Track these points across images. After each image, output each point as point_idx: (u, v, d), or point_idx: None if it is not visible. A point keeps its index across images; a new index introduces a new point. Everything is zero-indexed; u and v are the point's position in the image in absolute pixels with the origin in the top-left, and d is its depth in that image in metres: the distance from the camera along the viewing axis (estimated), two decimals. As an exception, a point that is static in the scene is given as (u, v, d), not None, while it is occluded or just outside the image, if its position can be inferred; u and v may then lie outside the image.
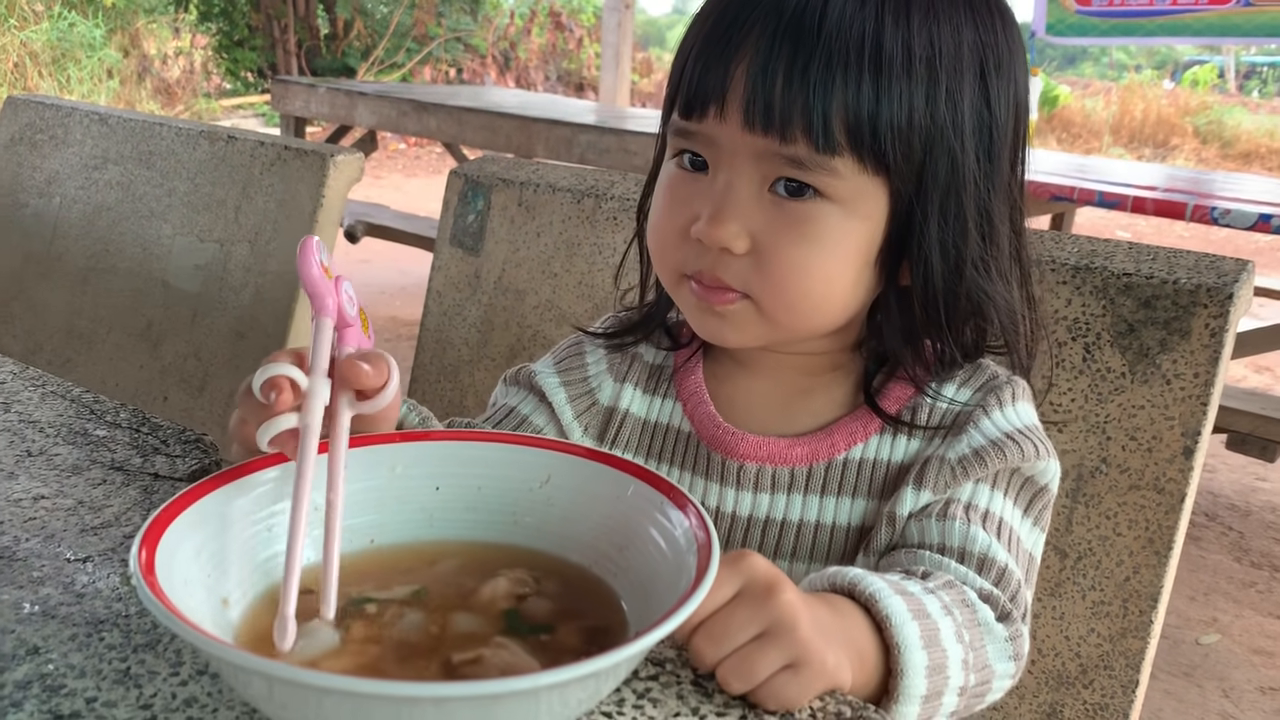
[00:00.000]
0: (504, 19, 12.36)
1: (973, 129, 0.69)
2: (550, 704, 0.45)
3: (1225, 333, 0.92)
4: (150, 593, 0.45)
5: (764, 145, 0.67)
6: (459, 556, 0.60)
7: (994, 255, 0.73)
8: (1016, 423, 0.77)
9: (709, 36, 0.70)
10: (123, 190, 1.81)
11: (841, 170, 0.67)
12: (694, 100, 0.70)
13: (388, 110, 3.73)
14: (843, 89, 0.65)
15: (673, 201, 0.74)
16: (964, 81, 0.68)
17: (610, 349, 0.86)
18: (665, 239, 0.75)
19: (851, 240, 0.70)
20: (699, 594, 0.47)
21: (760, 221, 0.69)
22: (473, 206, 1.46)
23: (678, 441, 0.81)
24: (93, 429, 0.86)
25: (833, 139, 0.66)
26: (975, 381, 0.78)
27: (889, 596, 0.61)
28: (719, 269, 0.71)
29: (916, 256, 0.70)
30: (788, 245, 0.69)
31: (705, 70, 0.69)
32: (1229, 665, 2.28)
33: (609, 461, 0.61)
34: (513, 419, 0.85)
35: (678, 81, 0.73)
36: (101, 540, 0.68)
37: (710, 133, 0.70)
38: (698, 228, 0.70)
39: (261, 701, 0.46)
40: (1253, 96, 16.08)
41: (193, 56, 10.54)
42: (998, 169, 0.72)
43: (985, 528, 0.73)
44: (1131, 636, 0.96)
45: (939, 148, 0.68)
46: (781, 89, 0.65)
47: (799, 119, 0.65)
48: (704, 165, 0.72)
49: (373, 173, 8.53)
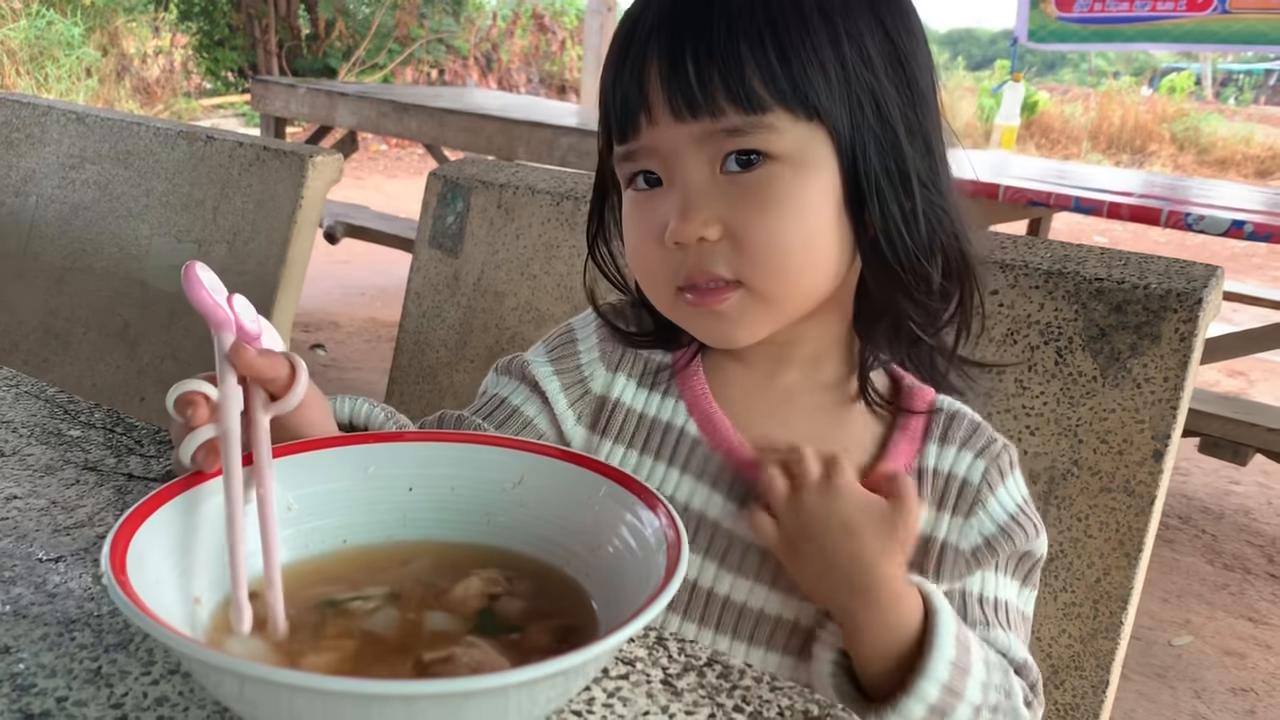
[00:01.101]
0: (486, 21, 12.35)
1: (883, 61, 0.72)
2: (519, 702, 0.45)
3: (1195, 337, 0.93)
4: (121, 591, 0.45)
5: (699, 129, 0.70)
6: (431, 556, 0.61)
7: (939, 171, 0.75)
8: (1017, 498, 0.79)
9: (617, 64, 0.74)
10: (100, 190, 1.80)
11: (777, 124, 0.69)
12: (624, 120, 0.73)
13: (368, 111, 3.72)
14: (750, 51, 0.68)
15: (641, 222, 0.76)
16: (859, 20, 0.71)
17: (604, 338, 0.85)
18: (646, 257, 0.76)
19: (812, 192, 0.71)
20: (668, 592, 0.47)
21: (724, 205, 0.71)
22: (452, 208, 1.46)
23: (679, 441, 0.81)
24: (66, 429, 0.85)
25: (757, 97, 0.69)
26: (975, 443, 0.80)
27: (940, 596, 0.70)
28: (704, 261, 0.72)
29: (869, 190, 0.72)
30: (756, 216, 0.71)
31: (624, 92, 0.73)
32: (1201, 666, 2.31)
33: (582, 463, 0.61)
34: (503, 410, 0.84)
35: (605, 111, 0.76)
36: (74, 540, 0.68)
37: (648, 142, 0.73)
38: (670, 231, 0.71)
39: (232, 700, 0.46)
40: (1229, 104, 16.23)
41: (173, 56, 10.48)
42: (920, 93, 0.74)
43: (999, 618, 0.78)
44: (1102, 637, 0.97)
45: (856, 83, 0.71)
46: (694, 71, 0.69)
47: (720, 91, 0.68)
48: (658, 182, 0.74)
49: (353, 174, 8.50)
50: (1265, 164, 11.62)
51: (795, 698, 0.56)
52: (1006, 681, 0.73)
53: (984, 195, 2.80)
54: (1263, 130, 12.86)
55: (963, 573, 0.77)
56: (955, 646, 0.69)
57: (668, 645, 0.60)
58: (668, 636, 0.60)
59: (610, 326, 0.85)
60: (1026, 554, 0.80)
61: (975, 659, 0.70)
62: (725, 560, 0.78)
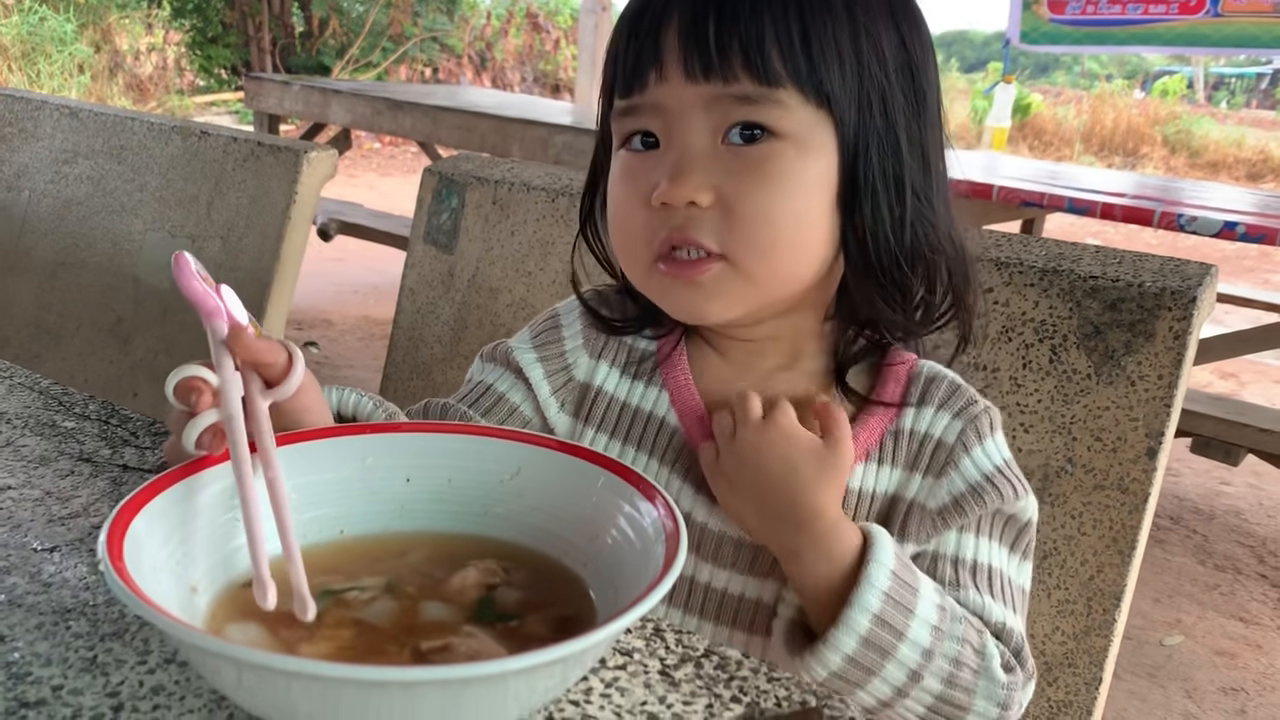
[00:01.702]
0: (480, 19, 12.34)
1: (895, 65, 0.73)
2: (518, 690, 0.45)
3: (1189, 335, 0.94)
4: (118, 578, 0.45)
5: (709, 92, 0.70)
6: (429, 547, 0.61)
7: (934, 186, 0.75)
8: (996, 460, 0.77)
9: (635, 17, 0.73)
10: (93, 185, 1.79)
11: (787, 102, 0.70)
12: (632, 74, 0.73)
13: (362, 109, 3.71)
14: (772, 24, 0.69)
15: (629, 183, 0.75)
16: (879, 22, 0.72)
17: (589, 325, 0.85)
18: (629, 217, 0.75)
19: (810, 175, 0.71)
20: (666, 582, 0.47)
21: (720, 173, 0.71)
22: (447, 205, 1.46)
23: (660, 432, 0.81)
24: (61, 420, 0.85)
25: (773, 70, 0.69)
26: (954, 404, 0.78)
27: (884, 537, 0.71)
28: (689, 227, 0.71)
29: (865, 188, 0.72)
30: (751, 190, 0.70)
31: (639, 45, 0.72)
32: (1192, 666, 2.31)
33: (579, 454, 0.61)
34: (489, 396, 0.85)
35: (613, 70, 0.75)
36: (69, 531, 0.67)
37: (654, 99, 0.72)
38: (660, 191, 0.71)
39: (230, 688, 0.46)
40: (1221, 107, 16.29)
41: (166, 52, 10.45)
42: (925, 105, 0.75)
43: (976, 582, 0.76)
44: (1095, 634, 0.97)
45: (868, 80, 0.71)
46: (715, 33, 0.69)
47: (738, 56, 0.68)
48: (655, 145, 0.74)
49: (347, 171, 8.49)
50: (1256, 167, 11.67)
51: (792, 688, 0.56)
52: (977, 639, 0.71)
53: (978, 196, 2.81)
54: (1254, 133, 12.92)
55: (930, 532, 0.76)
56: (890, 579, 0.68)
57: (665, 636, 0.60)
58: (665, 627, 0.61)
59: (592, 314, 0.85)
60: (1011, 518, 0.78)
61: (924, 601, 0.69)
62: (701, 550, 0.79)
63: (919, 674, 0.69)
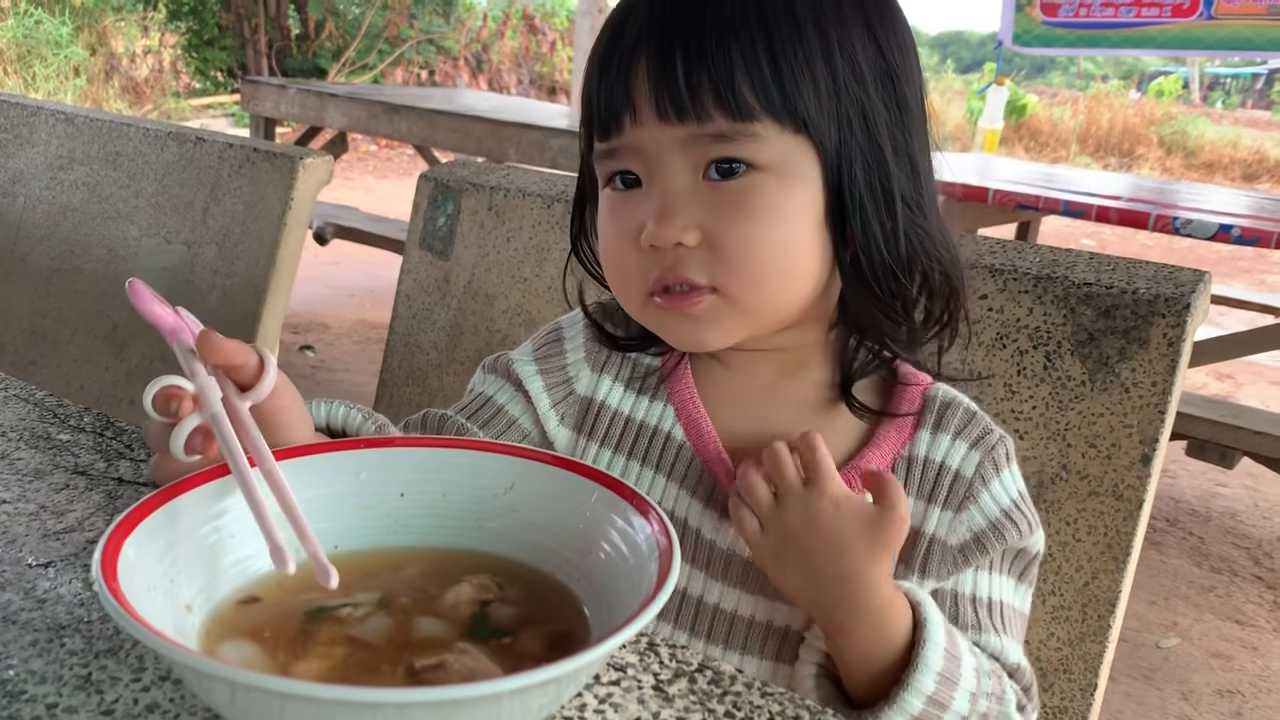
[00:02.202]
0: (477, 21, 12.34)
1: (873, 77, 0.71)
2: (512, 709, 0.45)
3: (1183, 342, 0.94)
4: (112, 598, 0.45)
5: (684, 133, 0.69)
6: (423, 562, 0.60)
7: (923, 193, 0.74)
8: (1012, 493, 0.77)
9: (602, 62, 0.72)
10: (89, 191, 1.79)
11: (764, 134, 0.69)
12: (607, 117, 0.72)
13: (358, 112, 3.71)
14: (741, 57, 0.67)
15: (617, 223, 0.75)
16: (853, 35, 0.71)
17: (591, 339, 0.85)
18: (621, 258, 0.75)
19: (794, 203, 0.70)
20: (660, 599, 0.47)
21: (704, 210, 0.70)
22: (443, 210, 1.46)
23: (666, 448, 0.80)
24: (55, 433, 0.85)
25: (745, 105, 0.68)
26: (970, 433, 0.78)
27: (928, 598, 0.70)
28: (679, 266, 0.71)
29: (852, 207, 0.71)
30: (736, 224, 0.70)
31: (610, 90, 0.71)
32: (1188, 668, 2.32)
33: (574, 469, 0.61)
34: (489, 409, 0.84)
35: (588, 110, 0.75)
36: (64, 545, 0.67)
37: (630, 142, 0.72)
38: (647, 233, 0.71)
39: (224, 707, 0.46)
40: (1216, 108, 16.32)
41: (161, 55, 10.45)
42: (908, 112, 0.74)
43: (993, 623, 0.77)
44: (1090, 640, 0.97)
45: (846, 98, 0.70)
46: (684, 74, 0.68)
47: (709, 95, 0.68)
48: (637, 182, 0.73)
49: (343, 175, 8.48)
50: (1252, 167, 11.69)
51: (786, 703, 0.56)
52: (998, 687, 0.72)
53: (973, 199, 2.81)
54: (1249, 134, 12.94)
55: (950, 570, 0.76)
56: (943, 658, 0.68)
57: (659, 651, 0.60)
58: (659, 642, 0.61)
59: (596, 328, 0.85)
60: (1022, 551, 0.78)
61: (965, 669, 0.70)
62: (710, 568, 0.78)
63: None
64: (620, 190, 0.75)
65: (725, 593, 0.78)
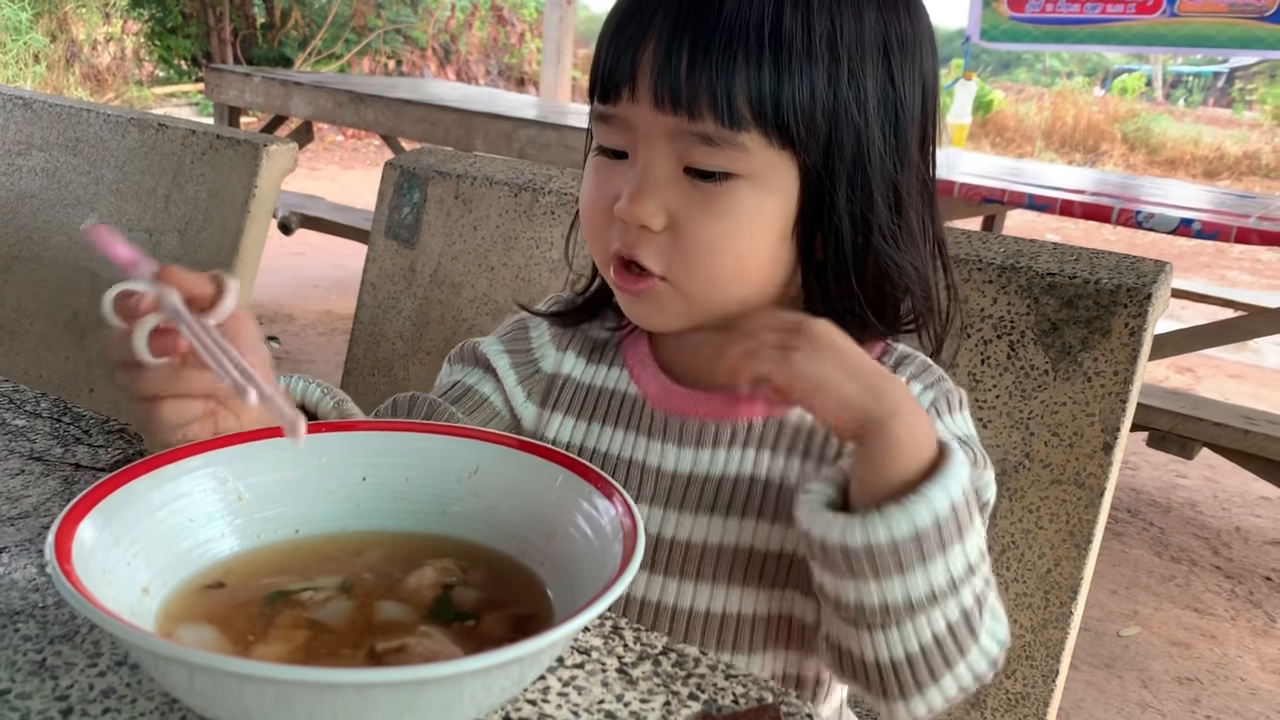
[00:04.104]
0: (444, 11, 12.25)
1: (877, 106, 0.71)
2: (474, 691, 0.45)
3: (1144, 331, 0.95)
4: (66, 581, 0.44)
5: (674, 124, 0.70)
6: (385, 547, 0.60)
7: (901, 226, 0.75)
8: (962, 431, 0.79)
9: (619, 23, 0.72)
10: (48, 177, 1.76)
11: (749, 145, 0.69)
12: (608, 85, 0.73)
13: (324, 101, 3.68)
14: (744, 68, 0.67)
15: (597, 184, 0.76)
16: (867, 60, 0.70)
17: (554, 325, 0.87)
18: (592, 220, 0.77)
19: (765, 214, 0.71)
20: (623, 580, 0.47)
21: (677, 200, 0.71)
22: (408, 199, 1.45)
23: (622, 404, 0.82)
24: (11, 418, 0.84)
25: (738, 115, 0.68)
26: (926, 378, 0.79)
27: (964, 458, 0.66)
28: (638, 248, 0.73)
29: (827, 228, 0.72)
30: (702, 222, 0.71)
31: (616, 56, 0.72)
32: (1148, 656, 2.35)
33: (538, 452, 0.61)
34: (469, 396, 0.85)
35: (595, 68, 0.75)
36: (18, 531, 0.66)
37: (625, 115, 0.72)
38: (619, 206, 0.72)
39: (182, 691, 0.45)
40: (1178, 105, 16.51)
41: (124, 43, 10.29)
42: (905, 144, 0.74)
43: None
44: (1052, 627, 0.98)
45: (843, 123, 0.70)
46: (685, 70, 0.68)
47: (704, 97, 0.68)
48: (625, 154, 0.75)
49: (309, 164, 8.41)
50: (1213, 164, 11.83)
51: (750, 685, 0.56)
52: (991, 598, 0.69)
53: (940, 193, 2.82)
54: (1210, 131, 13.10)
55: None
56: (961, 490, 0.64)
57: (623, 634, 0.60)
58: (623, 625, 0.60)
59: (552, 316, 0.87)
60: (974, 492, 0.77)
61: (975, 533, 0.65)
62: (670, 500, 0.79)
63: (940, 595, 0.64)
64: (608, 157, 0.76)
65: (684, 522, 0.78)
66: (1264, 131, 13.23)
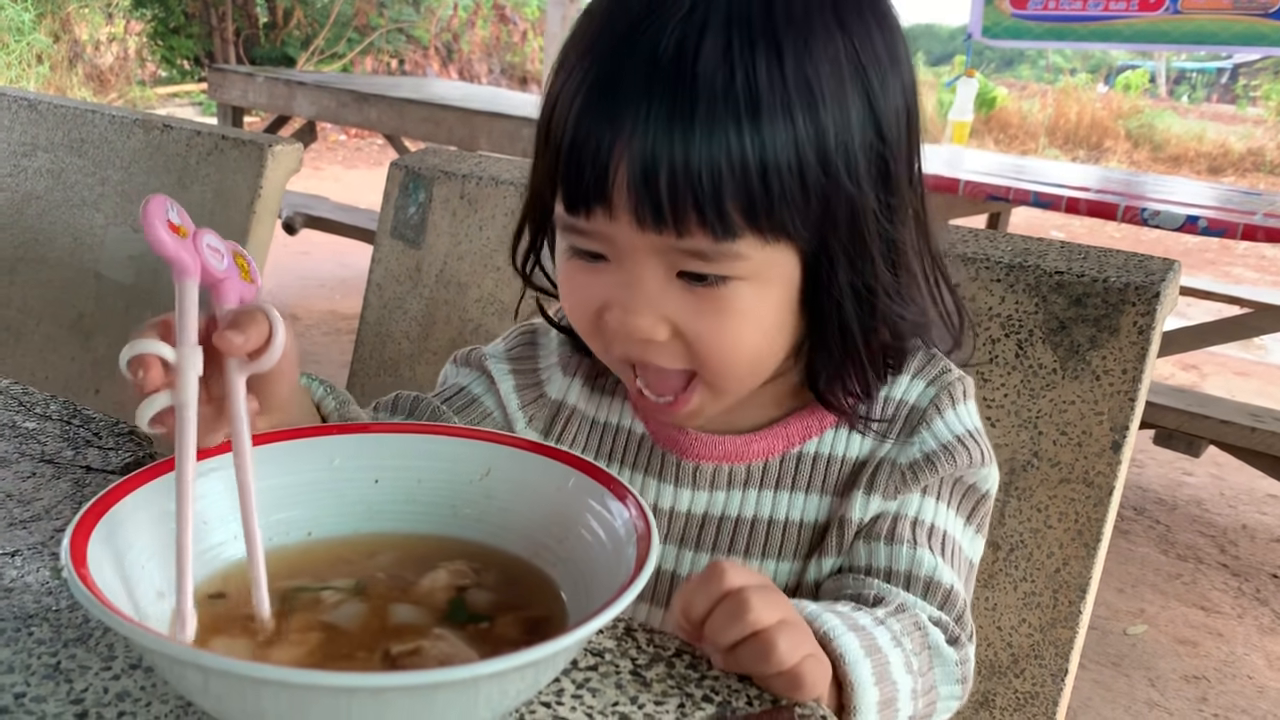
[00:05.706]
0: (447, 10, 12.24)
1: (868, 163, 0.67)
2: (489, 694, 0.45)
3: (1152, 330, 0.95)
4: (82, 584, 0.44)
5: (661, 242, 0.65)
6: (398, 549, 0.60)
7: (902, 278, 0.72)
8: (966, 424, 0.78)
9: (581, 116, 0.65)
10: (53, 178, 1.76)
11: (745, 251, 0.65)
12: (577, 196, 0.66)
13: (327, 101, 3.67)
14: (729, 170, 0.62)
15: (578, 292, 0.71)
16: (850, 116, 0.65)
17: (563, 342, 0.85)
18: (584, 327, 0.73)
19: (770, 304, 0.68)
20: (638, 584, 0.47)
21: (675, 307, 0.67)
22: (414, 199, 1.45)
23: (629, 443, 0.81)
24: (21, 421, 0.84)
25: (730, 224, 0.63)
26: (928, 373, 0.80)
27: (843, 634, 0.62)
28: (650, 355, 0.70)
29: (829, 301, 0.69)
30: (710, 328, 0.68)
31: (580, 167, 0.65)
32: (1155, 655, 2.35)
33: (549, 454, 0.61)
34: (463, 396, 0.84)
35: (553, 159, 0.67)
36: (31, 534, 0.66)
37: (603, 231, 0.66)
38: (613, 319, 0.68)
39: (196, 695, 0.45)
40: (1182, 101, 16.49)
41: (127, 43, 10.29)
42: (897, 194, 0.70)
43: (930, 545, 0.76)
44: (1061, 626, 0.98)
45: (836, 198, 0.65)
46: (667, 186, 0.62)
47: (692, 213, 0.63)
48: (603, 256, 0.69)
49: (312, 164, 8.41)
50: (1217, 161, 11.81)
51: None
52: (923, 639, 0.69)
53: (944, 190, 2.83)
54: (1214, 127, 13.08)
55: (898, 489, 0.76)
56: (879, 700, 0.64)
57: (636, 636, 0.60)
58: (636, 628, 0.60)
59: (570, 336, 0.83)
60: (971, 487, 0.79)
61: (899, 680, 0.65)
62: (684, 541, 0.79)
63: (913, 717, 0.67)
64: (584, 260, 0.70)
65: (699, 561, 0.79)
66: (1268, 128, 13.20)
